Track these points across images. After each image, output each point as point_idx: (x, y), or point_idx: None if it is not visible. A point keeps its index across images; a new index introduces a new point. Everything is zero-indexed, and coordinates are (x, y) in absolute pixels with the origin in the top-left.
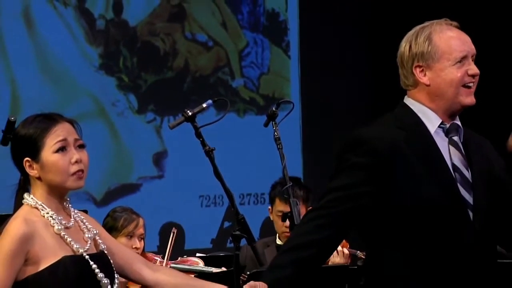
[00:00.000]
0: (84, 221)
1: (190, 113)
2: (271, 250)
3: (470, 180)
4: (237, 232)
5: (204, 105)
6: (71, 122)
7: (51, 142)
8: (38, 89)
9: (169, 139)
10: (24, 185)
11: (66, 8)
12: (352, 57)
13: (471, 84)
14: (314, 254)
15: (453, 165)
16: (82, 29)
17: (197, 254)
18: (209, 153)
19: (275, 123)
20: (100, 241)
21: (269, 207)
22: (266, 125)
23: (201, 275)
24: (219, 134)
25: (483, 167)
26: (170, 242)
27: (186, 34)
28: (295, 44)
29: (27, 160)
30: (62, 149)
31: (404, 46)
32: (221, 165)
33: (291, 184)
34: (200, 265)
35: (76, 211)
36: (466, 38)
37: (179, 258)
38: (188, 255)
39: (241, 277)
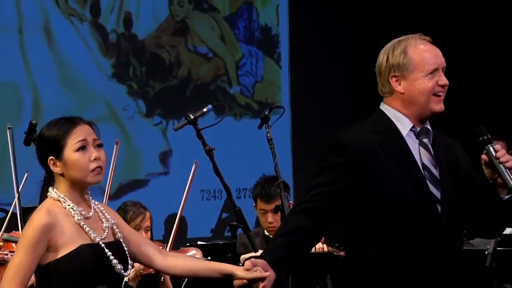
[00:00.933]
0: (104, 211)
1: (192, 117)
2: (259, 240)
3: (438, 177)
4: (234, 223)
5: (205, 109)
6: (90, 124)
7: (72, 142)
8: (57, 95)
9: (174, 139)
10: (49, 180)
11: (82, 24)
12: (336, 67)
13: (440, 93)
14: (303, 238)
15: (423, 164)
16: (96, 42)
17: (198, 242)
18: (209, 152)
19: (267, 126)
20: (117, 230)
21: (254, 204)
22: (259, 127)
23: None
24: (218, 136)
25: (451, 165)
26: (176, 226)
27: (188, 47)
28: (286, 56)
29: (51, 159)
30: (82, 148)
31: (382, 57)
32: (220, 163)
33: (281, 180)
34: (198, 256)
35: (96, 203)
36: (438, 52)
37: (180, 248)
38: (191, 244)
39: None
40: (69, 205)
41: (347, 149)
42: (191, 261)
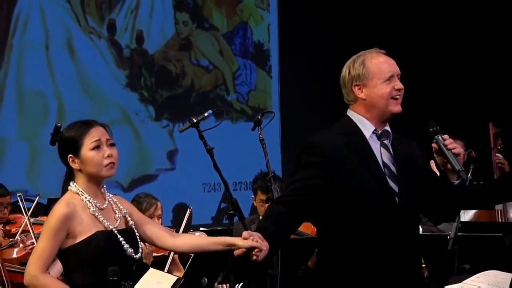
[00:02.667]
0: (117, 203)
1: (195, 120)
2: (255, 226)
3: (396, 173)
4: (231, 212)
5: (206, 114)
6: (104, 126)
7: (88, 142)
8: (79, 102)
9: (179, 140)
10: (69, 176)
11: (100, 40)
12: (319, 78)
13: (397, 97)
14: (286, 221)
15: (383, 162)
16: (112, 56)
17: (201, 229)
18: (209, 151)
19: (260, 128)
20: (129, 218)
21: (252, 196)
22: (253, 129)
23: None
24: (217, 137)
25: (407, 162)
26: (187, 216)
27: (192, 60)
28: (276, 68)
29: (70, 156)
30: (97, 147)
31: (345, 71)
32: (219, 160)
33: (272, 175)
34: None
35: (111, 195)
36: (392, 62)
37: (188, 232)
38: (194, 229)
39: None
40: (86, 197)
41: (318, 149)
42: (196, 239)
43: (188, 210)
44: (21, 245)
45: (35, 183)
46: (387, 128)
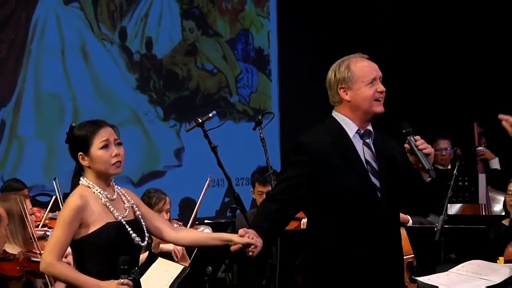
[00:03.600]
0: (125, 194)
1: (200, 120)
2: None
3: (377, 170)
4: (234, 205)
5: (210, 114)
6: (112, 126)
7: (97, 141)
8: (92, 104)
9: (186, 139)
10: (79, 171)
11: (112, 46)
12: (315, 81)
13: (380, 98)
14: (278, 217)
15: (366, 160)
16: (124, 60)
17: (205, 221)
18: (214, 149)
19: (260, 128)
20: (136, 209)
21: (252, 189)
22: (254, 129)
23: None
24: (221, 136)
25: (388, 159)
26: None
27: (197, 64)
28: (275, 71)
29: (81, 154)
30: (105, 147)
31: (330, 74)
32: (222, 157)
33: (272, 171)
34: (208, 231)
35: (119, 188)
36: (375, 66)
37: (194, 226)
38: (200, 222)
39: None
40: (97, 190)
41: (305, 148)
42: (196, 233)
43: (208, 179)
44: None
45: (52, 180)
46: (369, 127)
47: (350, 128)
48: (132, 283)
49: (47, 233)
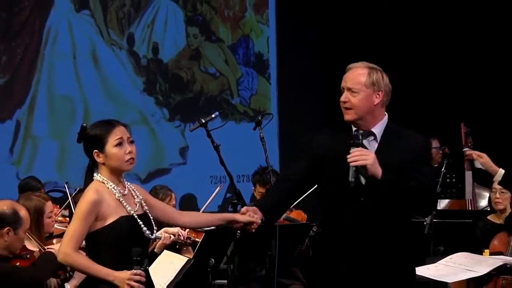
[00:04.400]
0: (135, 190)
1: (203, 121)
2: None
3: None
4: (235, 201)
5: (213, 115)
6: (125, 125)
7: (112, 139)
8: (102, 105)
9: (190, 138)
10: (92, 167)
11: (120, 51)
12: (312, 84)
13: (344, 107)
14: (286, 195)
15: None
16: (131, 64)
17: None
18: (216, 148)
19: (260, 128)
20: (144, 203)
21: (253, 188)
22: (254, 129)
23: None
24: (223, 135)
25: (390, 159)
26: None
27: (201, 68)
28: (274, 75)
29: (96, 151)
30: (119, 144)
31: None
32: (224, 155)
33: (271, 169)
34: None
35: (129, 184)
36: (346, 76)
37: None
38: None
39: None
40: (111, 185)
41: (310, 144)
42: (201, 216)
43: (218, 187)
44: None
45: (64, 176)
46: (374, 130)
47: (353, 129)
48: (144, 273)
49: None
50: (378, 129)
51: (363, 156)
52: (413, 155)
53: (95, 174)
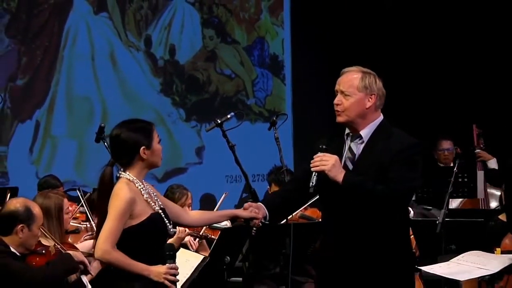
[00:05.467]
0: (150, 188)
1: (219, 121)
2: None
3: (350, 170)
4: (250, 200)
5: (229, 116)
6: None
7: (155, 136)
8: (120, 106)
9: (206, 138)
10: (112, 165)
11: (138, 52)
12: (326, 85)
13: (336, 110)
14: (294, 195)
15: (344, 159)
16: (149, 66)
17: None
18: (232, 148)
19: (275, 128)
20: (158, 199)
21: (268, 187)
22: (269, 129)
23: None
24: (238, 135)
25: (374, 159)
26: (221, 201)
27: (217, 69)
28: (289, 76)
29: (143, 148)
30: (160, 142)
31: None
32: (240, 155)
33: (285, 168)
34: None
35: (147, 183)
36: (340, 80)
37: None
38: None
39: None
40: (139, 185)
41: (315, 146)
42: (207, 214)
43: (224, 194)
44: (84, 233)
45: (82, 175)
46: (362, 133)
47: (346, 132)
48: (178, 267)
49: (78, 228)
50: (366, 131)
51: (323, 161)
52: (393, 155)
53: (121, 173)
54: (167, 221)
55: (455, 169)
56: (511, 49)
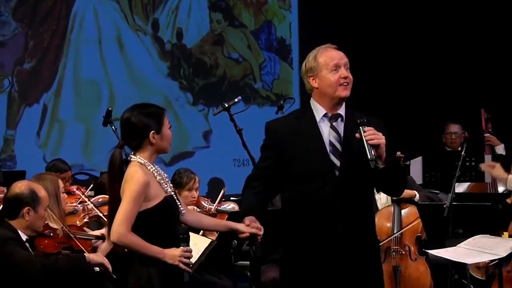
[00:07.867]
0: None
1: (227, 105)
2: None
3: (340, 151)
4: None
5: (236, 99)
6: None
7: (166, 122)
8: (127, 89)
9: (213, 122)
10: (121, 147)
11: (145, 36)
12: None
13: (345, 83)
14: (265, 195)
15: (330, 141)
16: (156, 50)
17: (231, 198)
18: (239, 132)
19: (282, 112)
20: (169, 181)
21: None
22: (276, 113)
23: (232, 214)
24: (246, 119)
25: (357, 142)
26: (221, 194)
27: (224, 53)
28: (296, 60)
29: (153, 132)
30: (170, 128)
31: (303, 64)
32: (247, 139)
33: None
34: (236, 208)
35: (157, 166)
36: (339, 54)
37: (222, 202)
38: (226, 198)
39: None
40: (152, 168)
41: (269, 133)
42: (207, 219)
43: (222, 190)
44: (82, 214)
45: (89, 159)
46: (341, 111)
47: (318, 112)
48: (192, 250)
49: (76, 208)
50: (343, 110)
51: (378, 135)
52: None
53: (132, 156)
54: (179, 203)
55: (462, 153)
56: None
